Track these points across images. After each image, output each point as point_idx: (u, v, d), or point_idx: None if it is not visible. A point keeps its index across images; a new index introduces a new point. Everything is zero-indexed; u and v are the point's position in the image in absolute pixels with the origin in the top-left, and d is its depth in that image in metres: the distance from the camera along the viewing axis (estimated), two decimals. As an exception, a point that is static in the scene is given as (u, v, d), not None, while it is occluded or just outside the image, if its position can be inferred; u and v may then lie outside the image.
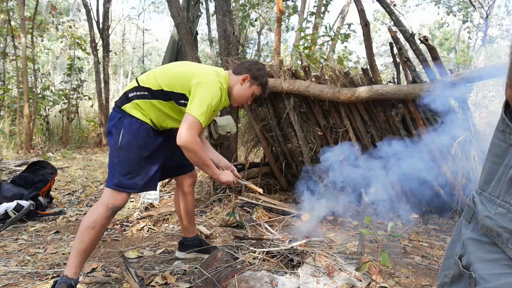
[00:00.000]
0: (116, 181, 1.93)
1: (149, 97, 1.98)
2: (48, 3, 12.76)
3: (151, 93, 1.98)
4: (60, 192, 4.31)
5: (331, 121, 3.68)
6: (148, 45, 20.60)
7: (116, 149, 1.95)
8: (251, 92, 2.16)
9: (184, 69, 2.02)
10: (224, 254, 2.16)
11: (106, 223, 1.96)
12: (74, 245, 1.92)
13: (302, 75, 3.58)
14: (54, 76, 12.19)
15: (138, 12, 29.61)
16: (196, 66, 2.09)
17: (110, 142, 1.99)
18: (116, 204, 1.95)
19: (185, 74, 1.99)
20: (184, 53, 5.16)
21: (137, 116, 1.97)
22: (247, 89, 2.14)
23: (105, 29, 8.24)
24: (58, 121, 8.31)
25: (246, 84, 2.13)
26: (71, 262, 1.89)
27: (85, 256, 1.92)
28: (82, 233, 1.90)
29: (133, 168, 1.95)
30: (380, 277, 2.11)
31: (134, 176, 1.95)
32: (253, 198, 3.68)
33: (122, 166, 1.94)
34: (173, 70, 2.04)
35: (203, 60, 14.63)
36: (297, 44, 6.65)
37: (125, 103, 1.99)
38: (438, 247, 2.73)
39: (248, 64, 2.17)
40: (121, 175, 1.94)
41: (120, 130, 1.95)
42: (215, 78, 1.98)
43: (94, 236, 1.90)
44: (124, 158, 1.94)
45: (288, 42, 18.23)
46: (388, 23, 11.71)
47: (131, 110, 1.97)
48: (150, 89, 1.98)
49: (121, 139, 1.94)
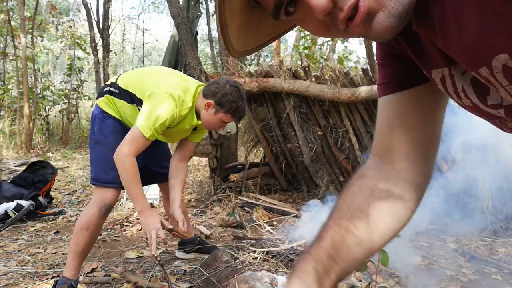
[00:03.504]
0: (93, 175, 1.92)
1: (117, 96, 1.94)
2: (48, 3, 12.76)
3: (120, 92, 1.94)
4: (60, 192, 4.31)
5: (331, 121, 3.68)
6: (148, 45, 20.60)
7: (93, 144, 1.95)
8: (218, 119, 1.95)
9: (151, 77, 1.96)
10: (224, 254, 2.16)
11: (100, 222, 1.93)
12: (70, 247, 1.91)
13: (302, 75, 3.58)
14: (54, 76, 12.20)
15: (138, 12, 29.63)
16: (163, 76, 1.97)
17: (89, 137, 2.01)
18: (105, 202, 1.90)
19: (148, 81, 1.91)
20: (184, 53, 5.16)
21: (107, 111, 1.94)
22: (212, 116, 1.95)
23: (105, 29, 8.24)
24: (58, 121, 8.31)
25: (211, 110, 1.94)
26: (69, 264, 1.89)
27: (82, 257, 1.91)
28: (77, 235, 1.89)
29: (110, 162, 1.85)
30: (380, 277, 2.11)
31: (113, 169, 1.85)
32: (253, 198, 3.68)
33: (100, 161, 1.93)
34: (142, 74, 2.01)
35: (203, 60, 14.63)
36: (297, 44, 6.64)
37: (99, 97, 1.99)
38: (438, 247, 2.73)
39: (215, 86, 1.94)
40: (100, 169, 1.91)
41: (94, 125, 1.96)
42: (174, 91, 1.84)
43: (88, 238, 1.88)
44: (100, 153, 1.92)
45: (288, 42, 18.23)
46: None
47: (102, 105, 1.96)
48: (120, 88, 1.94)
49: (95, 133, 1.94)
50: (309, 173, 3.97)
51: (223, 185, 3.95)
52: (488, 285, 2.14)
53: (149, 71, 2.07)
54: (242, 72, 3.93)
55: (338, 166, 3.82)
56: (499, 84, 0.50)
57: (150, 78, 1.94)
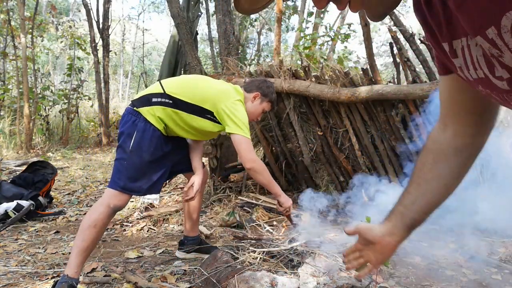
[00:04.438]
0: (122, 184, 1.97)
1: (171, 106, 2.03)
2: (48, 3, 12.75)
3: (175, 102, 2.03)
4: (60, 192, 4.31)
5: (331, 121, 3.68)
6: (148, 45, 20.59)
7: (127, 152, 1.97)
8: (261, 109, 2.30)
9: (211, 86, 2.14)
10: (224, 254, 2.16)
11: (107, 222, 1.98)
12: (75, 244, 1.92)
13: (302, 75, 3.58)
14: (54, 76, 12.20)
15: (138, 12, 29.61)
16: (220, 85, 2.19)
17: (121, 144, 2.02)
18: (117, 204, 1.98)
19: (213, 91, 2.09)
20: (184, 53, 5.16)
21: (152, 121, 2.01)
22: (258, 106, 2.29)
23: (105, 29, 8.25)
24: (58, 121, 8.32)
25: (257, 101, 2.28)
26: (72, 262, 1.89)
27: (86, 255, 1.93)
28: (84, 232, 1.91)
29: (140, 172, 1.99)
30: (380, 277, 2.11)
31: (140, 180, 1.99)
32: (253, 198, 3.68)
33: (130, 170, 1.98)
34: (200, 85, 2.14)
35: (203, 60, 14.63)
36: (297, 44, 6.64)
37: (145, 105, 2.02)
38: (438, 247, 2.73)
39: (258, 82, 2.32)
40: (127, 178, 1.97)
41: (133, 133, 1.98)
42: (235, 95, 2.11)
43: (95, 235, 1.92)
44: (132, 162, 1.98)
45: (288, 42, 18.23)
46: (388, 23, 11.69)
47: (147, 115, 2.01)
48: (174, 98, 2.03)
49: (133, 142, 1.98)
50: (309, 173, 3.97)
51: (223, 185, 3.95)
52: (488, 285, 2.14)
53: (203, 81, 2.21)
54: (242, 72, 3.93)
55: (338, 166, 3.82)
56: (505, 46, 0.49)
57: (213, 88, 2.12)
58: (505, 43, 0.49)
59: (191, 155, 2.32)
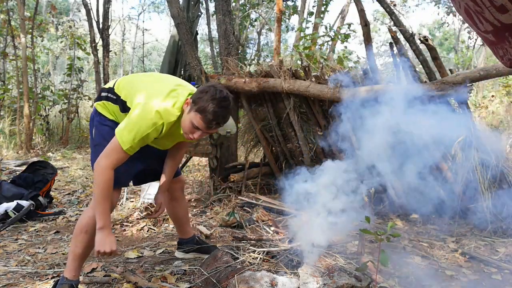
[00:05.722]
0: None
1: (114, 102, 1.90)
2: (48, 3, 12.76)
3: (116, 98, 1.89)
4: (60, 192, 4.31)
5: (331, 121, 3.68)
6: (148, 45, 20.59)
7: (93, 146, 1.94)
8: (189, 120, 1.75)
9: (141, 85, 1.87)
10: (224, 254, 2.16)
11: None
12: (70, 249, 1.92)
13: (302, 75, 3.58)
14: (54, 76, 12.19)
15: (138, 12, 29.62)
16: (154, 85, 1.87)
17: (90, 140, 2.00)
18: None
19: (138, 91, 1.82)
20: (184, 53, 5.16)
21: (105, 115, 1.93)
22: (185, 116, 1.78)
23: (105, 29, 8.24)
24: (58, 121, 8.31)
25: (187, 108, 1.77)
26: (69, 265, 1.89)
27: (82, 259, 1.92)
28: (76, 238, 1.89)
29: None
30: (380, 277, 2.11)
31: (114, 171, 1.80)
32: (253, 198, 3.68)
33: None
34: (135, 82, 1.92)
35: (203, 60, 14.62)
36: (297, 44, 6.64)
37: (97, 100, 1.98)
38: (438, 247, 2.73)
39: (201, 87, 1.82)
40: None
41: (92, 127, 1.96)
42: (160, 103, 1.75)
43: (87, 240, 1.87)
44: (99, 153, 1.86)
45: (288, 42, 18.25)
46: (388, 23, 11.71)
47: (100, 109, 1.95)
48: (117, 95, 1.89)
49: (95, 136, 1.94)
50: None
51: (223, 185, 3.95)
52: (488, 285, 2.14)
53: (142, 78, 1.97)
54: (242, 72, 3.93)
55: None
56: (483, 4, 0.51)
57: (140, 87, 1.85)
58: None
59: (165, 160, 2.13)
